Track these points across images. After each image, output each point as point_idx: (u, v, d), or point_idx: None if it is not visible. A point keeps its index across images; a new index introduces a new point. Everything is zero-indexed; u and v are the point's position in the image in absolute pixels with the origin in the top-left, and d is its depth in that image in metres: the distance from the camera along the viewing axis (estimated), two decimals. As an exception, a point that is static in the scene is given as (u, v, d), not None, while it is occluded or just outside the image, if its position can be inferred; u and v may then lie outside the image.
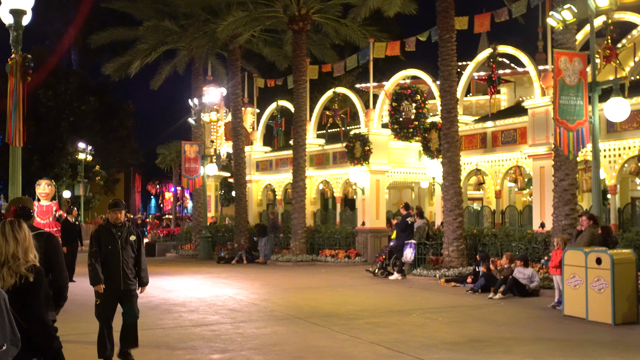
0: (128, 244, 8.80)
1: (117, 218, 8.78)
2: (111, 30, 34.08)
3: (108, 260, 8.68)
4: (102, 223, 8.93)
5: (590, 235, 13.32)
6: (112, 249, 8.68)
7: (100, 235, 8.77)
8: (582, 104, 14.51)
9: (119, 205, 8.87)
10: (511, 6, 22.85)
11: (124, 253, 8.73)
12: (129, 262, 8.81)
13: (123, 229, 8.82)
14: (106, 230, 8.80)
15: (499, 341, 10.74)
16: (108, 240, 8.71)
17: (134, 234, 8.92)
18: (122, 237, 8.75)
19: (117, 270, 8.69)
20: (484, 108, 30.60)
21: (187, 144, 32.09)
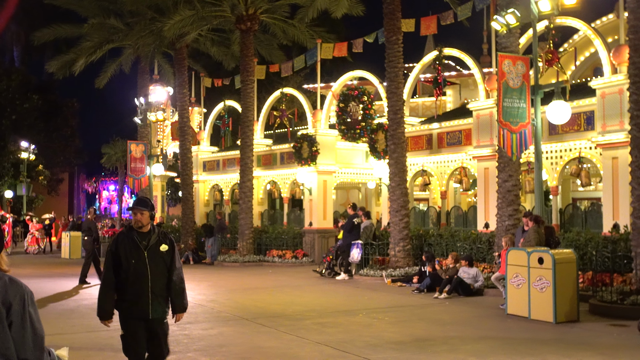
0: (158, 256, 6.64)
1: (138, 220, 6.62)
2: (55, 27, 33.48)
3: (131, 278, 6.53)
4: (122, 230, 6.85)
5: (537, 235, 13.60)
6: (136, 264, 6.54)
7: (120, 245, 6.62)
8: (525, 107, 14.78)
9: (139, 203, 6.74)
10: (457, 9, 23.16)
11: (153, 269, 6.58)
12: (159, 280, 6.64)
13: (150, 236, 6.66)
14: (127, 238, 6.64)
15: (444, 340, 10.88)
16: (130, 252, 6.57)
17: (165, 243, 6.73)
18: (149, 247, 6.61)
19: (143, 293, 6.54)
20: (430, 109, 30.96)
21: (133, 143, 31.69)
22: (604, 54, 18.60)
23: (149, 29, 29.68)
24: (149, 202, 6.78)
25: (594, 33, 19.14)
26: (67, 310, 14.29)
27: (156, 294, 6.62)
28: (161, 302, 6.70)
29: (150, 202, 6.80)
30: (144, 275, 6.56)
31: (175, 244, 6.94)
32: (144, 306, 6.59)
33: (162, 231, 6.86)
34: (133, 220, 6.68)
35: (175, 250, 6.81)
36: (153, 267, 6.61)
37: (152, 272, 6.59)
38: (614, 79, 17.89)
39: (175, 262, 6.78)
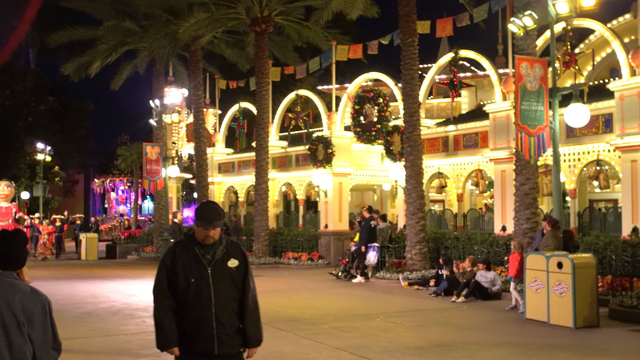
0: (225, 273, 5.14)
1: (209, 237, 5.11)
2: (70, 29, 33.64)
3: (191, 302, 5.08)
4: (181, 239, 5.36)
5: (555, 240, 13.52)
6: (197, 284, 5.06)
7: (177, 259, 5.15)
8: (543, 110, 14.68)
9: (211, 217, 5.13)
10: (472, 11, 23.07)
11: (218, 290, 5.08)
12: (226, 305, 5.12)
13: (216, 248, 5.15)
14: (186, 250, 5.16)
15: (462, 346, 10.82)
16: (190, 268, 5.10)
17: (235, 257, 5.22)
18: (214, 262, 5.12)
19: (205, 322, 5.06)
20: (445, 111, 30.86)
21: (148, 145, 31.79)
22: (622, 56, 18.46)
23: (163, 31, 29.76)
24: (221, 212, 5.22)
25: (612, 35, 19.00)
26: (84, 313, 14.32)
27: (223, 323, 5.05)
28: (230, 333, 5.13)
29: (222, 210, 5.29)
30: (206, 298, 5.04)
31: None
32: (207, 339, 5.07)
33: (230, 240, 5.30)
34: (202, 236, 5.08)
35: (248, 266, 5.27)
36: (218, 288, 5.07)
37: (216, 295, 5.05)
38: (633, 81, 17.75)
39: (249, 281, 5.24)
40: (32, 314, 4.23)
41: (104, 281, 21.27)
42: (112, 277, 22.96)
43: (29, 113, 47.93)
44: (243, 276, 5.22)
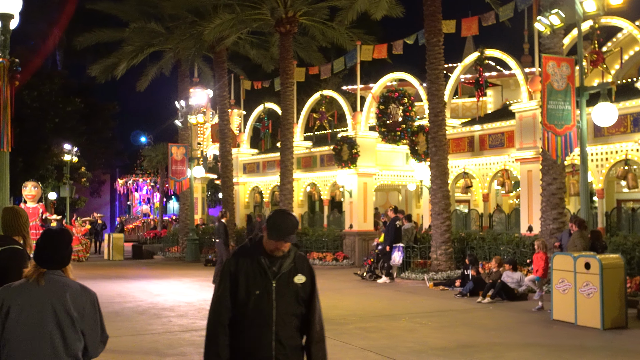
0: (290, 289, 4.56)
1: (279, 250, 4.52)
2: (96, 31, 33.94)
3: (249, 317, 4.51)
4: (246, 244, 4.74)
5: (582, 240, 13.39)
6: (259, 297, 4.51)
7: (240, 266, 4.57)
8: (570, 109, 14.56)
9: (285, 231, 4.51)
10: (498, 10, 22.92)
11: (281, 307, 4.52)
12: (288, 324, 4.54)
13: (283, 261, 4.57)
14: (251, 258, 4.58)
15: (488, 347, 10.75)
16: (254, 279, 4.53)
17: (302, 272, 4.62)
18: (279, 275, 4.54)
19: (264, 341, 4.50)
20: (470, 110, 30.68)
21: (174, 146, 31.99)
22: (650, 54, 18.25)
23: (189, 32, 29.95)
24: (296, 223, 4.66)
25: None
26: (111, 313, 14.40)
27: (283, 343, 4.50)
28: (289, 354, 4.55)
29: (297, 221, 4.71)
30: (267, 315, 4.49)
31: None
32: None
33: (299, 254, 4.69)
34: (272, 247, 4.50)
35: (315, 284, 4.69)
36: (281, 305, 4.50)
37: (278, 312, 4.50)
38: (661, 80, 17.54)
39: (315, 301, 4.65)
40: (83, 310, 4.33)
41: (130, 281, 21.42)
42: (138, 277, 23.10)
43: (56, 114, 48.41)
44: (309, 295, 4.64)
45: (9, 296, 4.22)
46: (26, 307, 4.19)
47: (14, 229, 5.76)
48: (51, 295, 4.25)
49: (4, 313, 4.18)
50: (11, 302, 4.19)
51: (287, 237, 4.49)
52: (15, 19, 10.55)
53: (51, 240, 4.38)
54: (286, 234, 4.49)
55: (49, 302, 4.23)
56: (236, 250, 4.78)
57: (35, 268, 4.29)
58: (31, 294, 4.23)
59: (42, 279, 4.26)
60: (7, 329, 4.16)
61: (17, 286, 4.28)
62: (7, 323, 4.16)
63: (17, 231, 5.75)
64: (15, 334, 4.16)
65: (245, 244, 4.72)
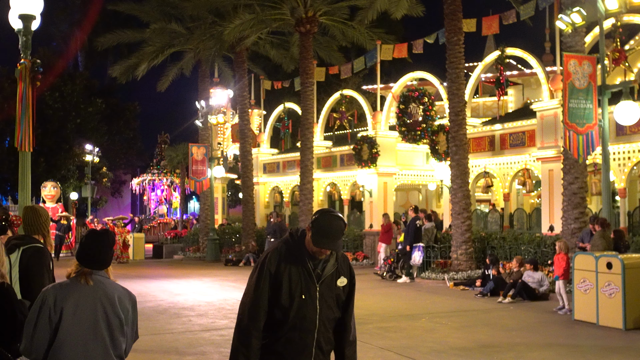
0: (332, 293, 4.30)
1: (321, 253, 4.17)
2: (117, 32, 34.12)
3: (291, 322, 4.17)
4: (287, 241, 4.30)
5: (604, 240, 13.27)
6: (303, 302, 4.18)
7: (283, 271, 4.19)
8: (592, 108, 14.45)
9: (334, 236, 4.13)
10: (519, 8, 22.78)
11: (324, 312, 4.25)
12: (329, 329, 4.32)
13: (327, 263, 4.25)
14: (295, 259, 4.21)
15: (509, 347, 10.68)
16: (298, 283, 4.18)
17: (344, 274, 4.35)
18: (322, 278, 4.24)
19: (307, 347, 4.22)
20: (491, 109, 30.54)
21: (194, 146, 32.10)
22: (673, 52, 18.04)
23: (209, 33, 30.04)
24: (344, 227, 4.21)
25: (663, 30, 18.59)
26: (132, 312, 14.48)
27: (322, 350, 4.28)
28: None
29: (344, 225, 4.25)
30: (310, 320, 4.18)
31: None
32: None
33: (343, 255, 4.40)
34: (315, 250, 4.13)
35: (354, 284, 4.48)
36: (324, 310, 4.23)
37: (321, 318, 4.21)
38: (685, 78, 17.34)
39: (352, 302, 4.45)
40: (127, 312, 4.38)
41: (150, 280, 21.52)
42: (159, 276, 23.21)
43: (77, 115, 48.82)
44: (348, 297, 4.41)
45: (61, 296, 4.20)
46: (79, 308, 4.19)
47: (34, 227, 5.81)
48: (101, 296, 4.28)
49: (58, 313, 4.15)
50: (64, 303, 4.17)
51: (334, 245, 4.14)
52: (36, 20, 10.64)
53: (97, 241, 4.39)
54: (333, 241, 4.13)
55: (100, 303, 4.25)
56: (277, 247, 4.28)
57: (80, 268, 4.31)
58: (82, 294, 4.23)
59: (91, 279, 4.28)
60: (62, 329, 4.15)
61: (66, 285, 4.27)
62: (62, 324, 4.15)
63: (38, 230, 5.80)
64: (71, 335, 4.15)
65: (287, 240, 4.30)
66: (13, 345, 4.43)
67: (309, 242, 4.16)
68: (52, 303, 4.15)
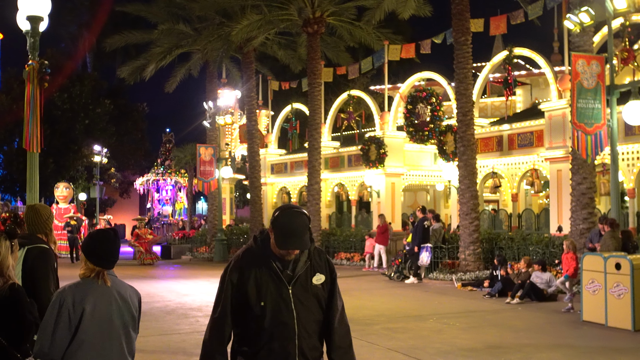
0: (309, 293, 3.95)
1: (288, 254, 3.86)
2: (126, 33, 34.21)
3: (269, 332, 3.85)
4: (250, 246, 4.04)
5: (614, 240, 13.22)
6: (275, 308, 3.84)
7: (246, 272, 3.89)
8: (600, 107, 14.39)
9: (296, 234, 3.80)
10: (527, 8, 22.73)
11: (303, 316, 3.90)
12: (311, 335, 3.94)
13: (298, 261, 3.92)
14: (260, 261, 3.91)
15: (517, 348, 10.64)
16: (266, 288, 3.86)
17: (320, 271, 4.00)
18: (295, 279, 3.90)
19: (289, 354, 3.87)
20: (499, 110, 30.48)
21: (202, 146, 32.14)
22: (682, 52, 17.96)
23: (217, 33, 30.07)
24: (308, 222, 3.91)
25: (672, 30, 18.51)
26: (139, 312, 14.50)
27: (307, 357, 3.91)
28: None
29: (308, 219, 3.94)
30: (288, 327, 3.85)
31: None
32: None
33: (316, 249, 4.05)
34: (283, 252, 3.84)
35: (335, 280, 4.09)
36: (302, 313, 3.88)
37: (300, 322, 3.87)
38: (694, 77, 17.26)
39: (336, 299, 4.06)
40: (137, 310, 4.44)
41: (158, 281, 21.56)
42: (166, 277, 23.25)
43: (86, 116, 48.93)
44: (329, 293, 4.03)
45: (79, 296, 4.20)
46: (97, 307, 4.21)
47: (36, 226, 5.86)
48: (115, 295, 4.31)
49: (78, 314, 4.16)
50: (84, 303, 4.18)
51: (299, 243, 3.78)
52: (44, 22, 10.67)
53: (109, 241, 4.40)
54: (297, 239, 3.78)
55: (115, 301, 4.28)
56: (239, 255, 3.99)
57: (94, 267, 4.31)
58: (98, 294, 4.25)
59: (108, 279, 4.30)
60: (81, 329, 4.16)
61: (82, 286, 4.28)
62: (82, 324, 4.16)
63: (40, 229, 5.85)
64: (89, 334, 4.17)
65: (250, 245, 4.00)
66: (22, 345, 4.44)
67: (273, 245, 3.86)
68: (71, 304, 4.15)
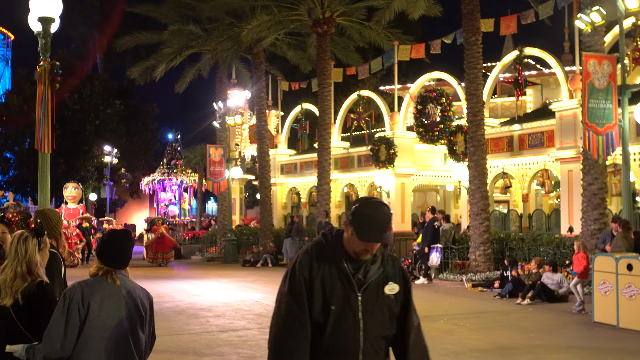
0: (380, 303, 3.50)
1: (365, 252, 3.44)
2: (136, 34, 34.26)
3: (328, 342, 3.41)
4: (320, 241, 3.59)
5: (626, 241, 13.16)
6: (340, 314, 3.40)
7: (316, 276, 3.44)
8: (612, 107, 14.34)
9: (381, 228, 3.39)
10: (538, 8, 22.65)
11: (371, 328, 3.44)
12: (379, 351, 3.50)
13: (370, 266, 3.49)
14: (329, 261, 3.47)
15: (528, 349, 10.61)
16: (332, 290, 3.41)
17: (395, 280, 3.56)
18: (366, 285, 3.46)
19: None
20: (509, 110, 30.39)
21: (212, 147, 32.17)
22: (694, 51, 17.86)
23: (226, 34, 30.11)
24: (391, 216, 3.49)
25: (684, 29, 18.41)
26: (150, 313, 14.52)
27: None
28: None
29: (391, 213, 3.51)
30: (352, 339, 3.37)
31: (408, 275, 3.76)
32: None
33: (387, 255, 3.59)
34: (358, 249, 3.40)
35: (411, 293, 3.64)
36: (370, 326, 3.40)
37: (367, 336, 3.39)
38: None
39: (412, 314, 3.58)
40: (146, 310, 4.45)
41: (168, 281, 21.60)
42: (177, 277, 23.29)
43: (96, 117, 49.08)
44: (403, 306, 3.56)
45: (88, 292, 4.24)
46: (104, 304, 4.24)
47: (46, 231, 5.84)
48: (125, 293, 4.33)
49: (85, 308, 4.19)
50: (91, 298, 4.21)
51: (383, 237, 3.36)
52: (55, 23, 10.71)
53: (120, 241, 4.44)
54: (381, 233, 3.35)
55: (123, 300, 4.31)
56: (307, 250, 3.52)
57: (103, 267, 4.35)
58: (107, 291, 4.28)
59: (117, 277, 4.33)
60: (88, 325, 4.19)
61: (91, 283, 4.31)
62: (88, 320, 4.18)
63: (49, 233, 5.83)
64: (96, 331, 4.20)
65: (320, 241, 3.55)
66: None
67: (349, 241, 3.40)
68: (80, 299, 4.19)
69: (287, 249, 27.83)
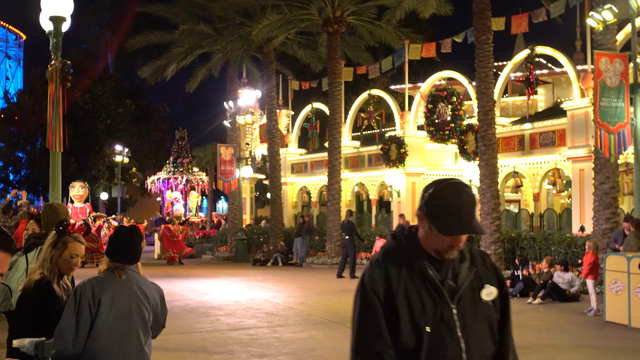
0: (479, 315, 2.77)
1: (451, 248, 2.71)
2: (147, 34, 34.35)
3: None
4: (391, 245, 2.85)
5: (638, 241, 13.09)
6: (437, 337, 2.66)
7: (394, 290, 2.69)
8: (624, 106, 14.27)
9: (469, 214, 2.67)
10: (549, 6, 22.56)
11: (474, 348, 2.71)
12: None
13: (459, 267, 2.76)
14: (407, 266, 2.72)
15: (539, 348, 10.55)
16: (420, 306, 2.67)
17: (489, 281, 2.82)
18: (460, 293, 2.72)
19: None
20: (520, 109, 30.30)
21: (222, 146, 32.21)
22: None
23: (237, 33, 30.15)
24: (476, 201, 2.78)
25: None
26: (161, 311, 14.55)
27: None
28: None
29: (475, 197, 2.80)
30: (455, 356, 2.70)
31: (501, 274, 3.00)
32: None
33: (478, 250, 2.91)
34: (442, 246, 2.72)
35: (508, 297, 2.95)
36: (474, 346, 2.74)
37: (471, 356, 2.73)
38: None
39: (510, 324, 2.94)
40: (156, 305, 4.52)
41: (179, 280, 21.63)
42: (187, 276, 23.34)
43: (107, 116, 49.31)
44: (502, 315, 2.90)
45: (98, 288, 4.28)
46: (115, 300, 4.29)
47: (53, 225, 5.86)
48: (135, 289, 4.38)
49: (96, 304, 4.24)
50: (101, 294, 4.26)
51: (471, 226, 2.69)
52: (66, 22, 10.75)
53: (128, 237, 4.49)
54: (468, 221, 2.68)
55: (134, 295, 4.35)
56: (379, 258, 2.81)
57: (112, 263, 4.39)
58: (117, 287, 4.32)
59: (124, 273, 4.36)
60: (99, 320, 4.22)
61: (102, 279, 4.35)
62: (99, 315, 4.23)
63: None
64: (107, 326, 4.24)
65: (391, 244, 2.85)
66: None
67: (427, 238, 2.75)
68: (91, 294, 4.24)
69: (297, 248, 27.88)
